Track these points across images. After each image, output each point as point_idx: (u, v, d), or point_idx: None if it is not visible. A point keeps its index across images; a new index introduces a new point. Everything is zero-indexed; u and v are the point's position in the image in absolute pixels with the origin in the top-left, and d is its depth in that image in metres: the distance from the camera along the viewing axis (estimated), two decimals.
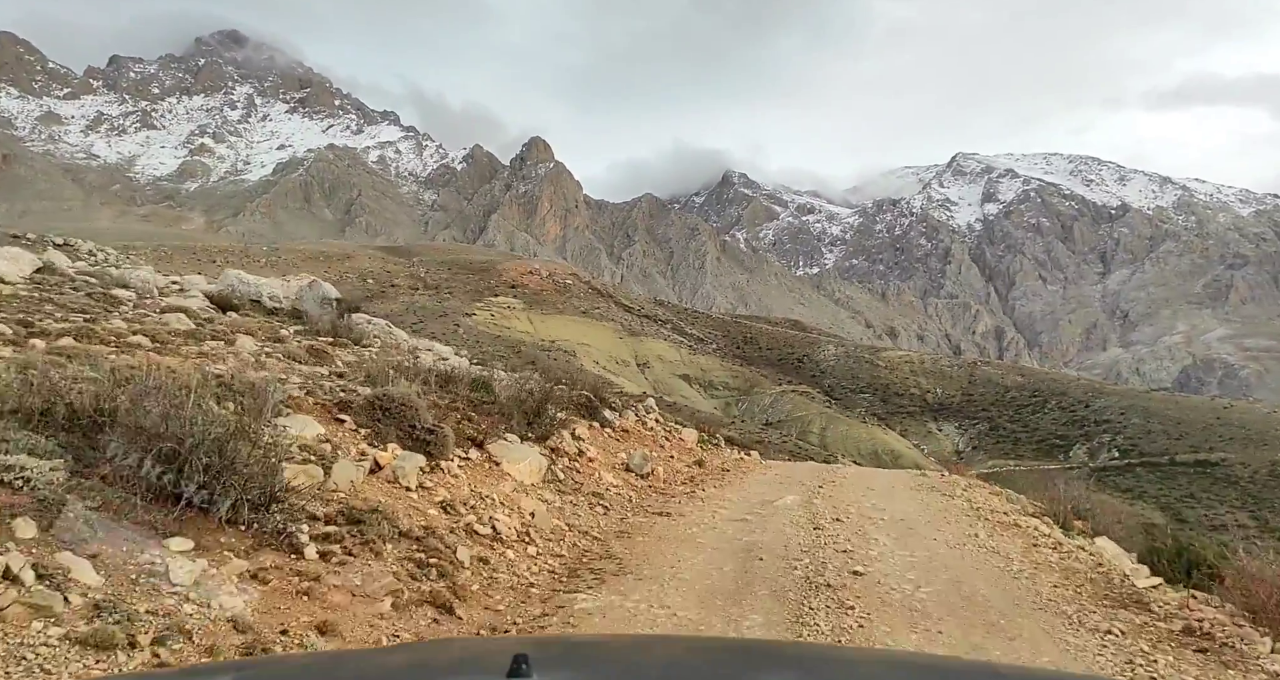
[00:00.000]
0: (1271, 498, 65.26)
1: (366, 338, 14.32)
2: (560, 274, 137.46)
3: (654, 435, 14.22)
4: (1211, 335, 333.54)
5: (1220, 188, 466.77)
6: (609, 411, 13.39)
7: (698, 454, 14.87)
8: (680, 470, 13.02)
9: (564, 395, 12.51)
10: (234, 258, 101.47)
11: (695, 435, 16.12)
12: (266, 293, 16.22)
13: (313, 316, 14.86)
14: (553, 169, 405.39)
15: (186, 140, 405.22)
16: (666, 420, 16.85)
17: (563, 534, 8.10)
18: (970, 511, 11.08)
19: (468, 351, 19.04)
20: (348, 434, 7.53)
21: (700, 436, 16.58)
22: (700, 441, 16.20)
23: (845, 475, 14.81)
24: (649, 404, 17.31)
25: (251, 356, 9.84)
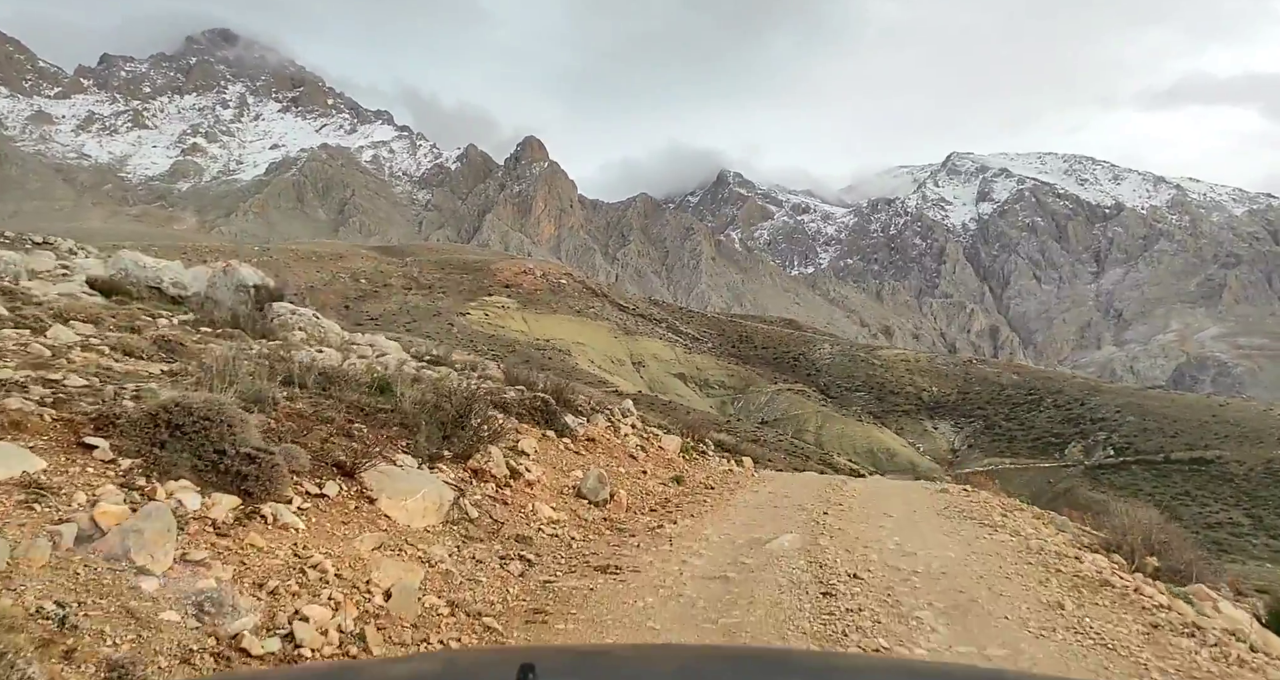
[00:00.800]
0: (1266, 495, 65.17)
1: (285, 330, 12.23)
2: (555, 273, 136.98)
3: (626, 445, 12.12)
4: (1205, 334, 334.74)
5: (1214, 187, 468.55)
6: (572, 417, 11.49)
7: (678, 467, 12.76)
8: (652, 490, 10.68)
9: (514, 399, 10.63)
10: (225, 257, 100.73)
11: (677, 443, 14.06)
12: (168, 278, 13.76)
13: (225, 306, 12.87)
14: (547, 169, 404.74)
15: (178, 140, 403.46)
16: (646, 425, 14.96)
17: (434, 624, 5.04)
18: (1029, 554, 8.10)
19: (442, 350, 16.40)
20: (90, 469, 4.73)
21: (684, 444, 14.56)
22: (684, 450, 14.14)
23: (853, 493, 12.14)
24: (626, 406, 15.58)
25: (49, 350, 7.22)
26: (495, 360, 66.84)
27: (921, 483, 17.38)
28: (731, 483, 12.55)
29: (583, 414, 12.12)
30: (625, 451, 11.78)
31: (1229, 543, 51.91)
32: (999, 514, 10.68)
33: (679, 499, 10.49)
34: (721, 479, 12.78)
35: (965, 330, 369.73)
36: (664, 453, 13.19)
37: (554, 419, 10.74)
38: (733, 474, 13.82)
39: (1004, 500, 12.85)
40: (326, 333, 13.08)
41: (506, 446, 8.81)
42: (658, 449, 13.17)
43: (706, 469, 13.74)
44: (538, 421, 10.46)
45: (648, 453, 12.45)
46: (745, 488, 12.23)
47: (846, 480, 14.85)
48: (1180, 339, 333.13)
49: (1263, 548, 50.86)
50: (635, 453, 11.93)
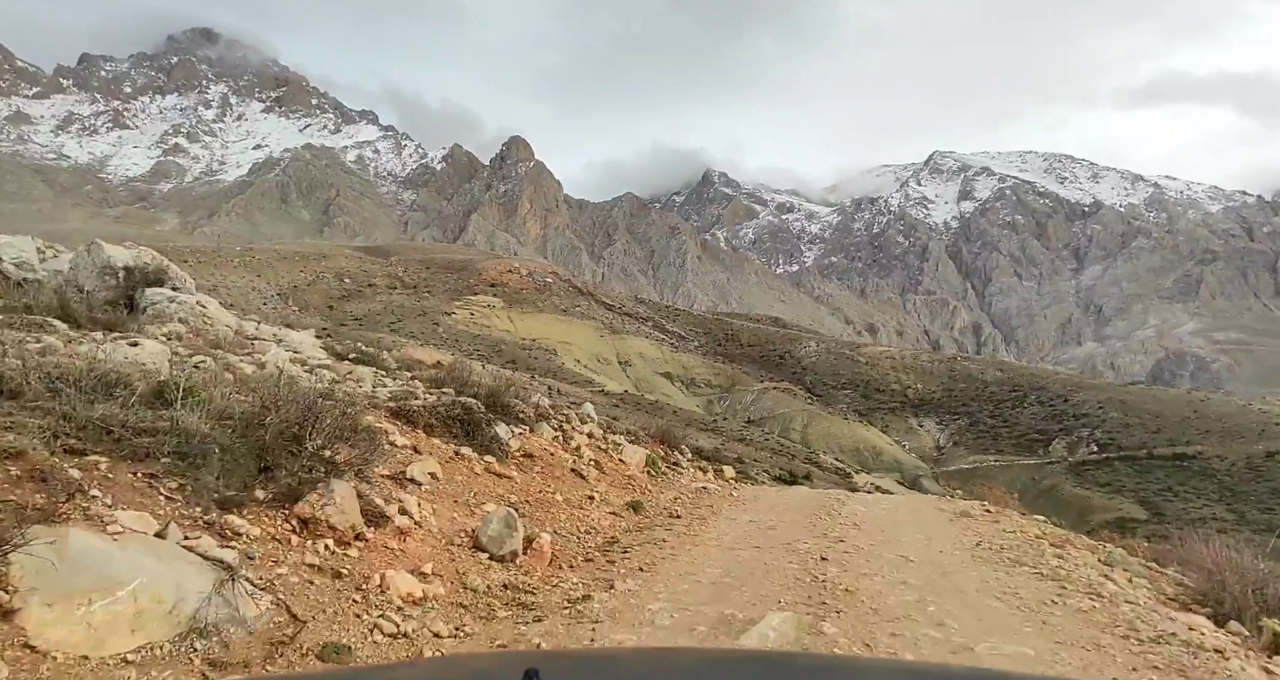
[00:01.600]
0: (1248, 491, 65.99)
1: (158, 320, 9.86)
2: (540, 272, 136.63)
3: (577, 461, 10.04)
4: (1183, 329, 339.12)
5: (1190, 184, 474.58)
6: (508, 427, 9.38)
7: (640, 486, 10.61)
8: (597, 525, 8.15)
9: (423, 406, 8.39)
10: (205, 258, 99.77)
11: (642, 456, 11.79)
12: (9, 257, 11.45)
13: (85, 290, 10.90)
14: (533, 168, 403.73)
15: (160, 140, 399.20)
16: (610, 433, 12.90)
17: None
18: (1130, 633, 5.74)
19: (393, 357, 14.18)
20: None
21: (651, 456, 12.27)
22: (650, 463, 11.90)
23: (854, 519, 9.70)
24: (585, 411, 13.67)
25: None
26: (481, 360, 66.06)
27: (929, 498, 14.93)
28: (705, 507, 10.27)
29: (524, 422, 10.05)
30: (572, 470, 9.68)
31: (1213, 539, 52.59)
32: (1051, 552, 8.16)
33: (630, 538, 7.97)
34: (693, 501, 10.62)
35: (948, 327, 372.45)
36: (624, 468, 11.11)
37: (477, 431, 8.55)
38: (707, 494, 11.45)
39: (1042, 527, 10.45)
40: (213, 323, 10.64)
41: (385, 474, 6.47)
42: (617, 464, 11.06)
43: (676, 487, 11.50)
44: (454, 435, 8.34)
45: (603, 470, 10.40)
46: (721, 514, 9.80)
47: (843, 498, 11.92)
48: (1159, 335, 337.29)
49: (1246, 543, 51.58)
50: (586, 471, 9.86)
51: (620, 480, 10.56)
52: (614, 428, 14.58)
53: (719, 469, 15.15)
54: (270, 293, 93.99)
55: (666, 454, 13.91)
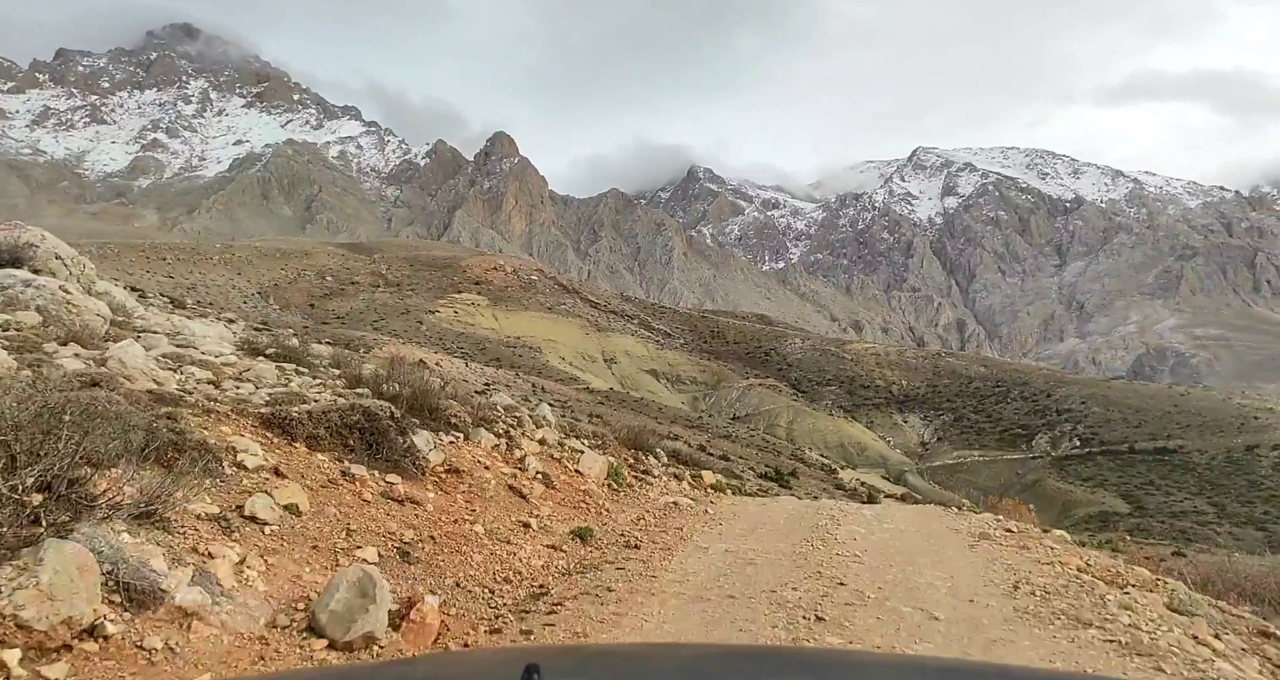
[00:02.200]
0: (1228, 484, 66.63)
1: (11, 306, 8.49)
2: (525, 270, 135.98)
3: (516, 477, 8.35)
4: (1163, 325, 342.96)
5: (1169, 180, 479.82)
6: (434, 435, 7.78)
7: (595, 506, 8.95)
8: (524, 569, 6.39)
9: (305, 414, 6.62)
10: (184, 255, 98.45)
11: (602, 467, 10.07)
12: None
13: None
14: (518, 164, 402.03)
15: (138, 135, 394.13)
16: (568, 438, 11.16)
17: None
18: None
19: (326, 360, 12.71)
20: None
21: (613, 465, 10.50)
22: (612, 475, 10.22)
23: (854, 546, 7.94)
24: (540, 413, 11.95)
25: None
26: (464, 358, 65.25)
27: (934, 510, 12.57)
28: (672, 530, 8.52)
29: (458, 429, 8.49)
30: (510, 488, 7.99)
31: (1195, 532, 52.94)
32: (1114, 600, 6.43)
33: (566, 586, 6.21)
34: (659, 522, 8.92)
35: (933, 324, 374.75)
36: (580, 482, 9.42)
37: (383, 443, 6.82)
38: (678, 511, 9.70)
39: (1082, 554, 8.68)
40: (80, 312, 8.89)
41: (208, 514, 4.65)
42: (571, 476, 9.43)
43: (641, 503, 9.84)
44: (349, 448, 6.64)
45: (552, 485, 8.76)
46: (692, 540, 8.08)
47: (837, 515, 10.07)
48: (1140, 330, 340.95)
49: (1227, 536, 51.91)
50: (528, 487, 8.21)
51: (572, 497, 8.90)
52: (577, 430, 12.81)
53: (697, 475, 13.50)
54: (251, 291, 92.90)
55: (636, 461, 12.34)
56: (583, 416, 39.38)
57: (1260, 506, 60.75)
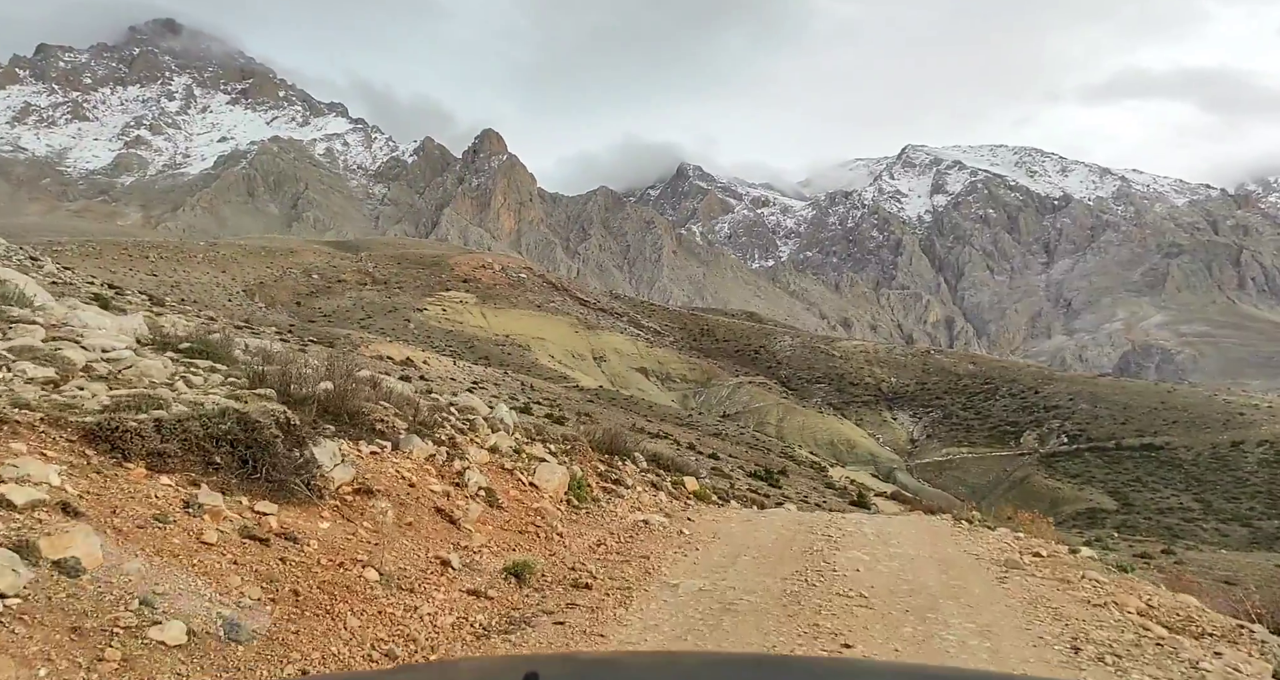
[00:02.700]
0: (1214, 480, 66.98)
1: None
2: (514, 267, 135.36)
3: (449, 496, 6.94)
4: (1150, 322, 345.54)
5: (1156, 178, 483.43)
6: (347, 446, 6.53)
7: (547, 528, 7.58)
8: (417, 636, 4.76)
9: (154, 423, 5.18)
10: (168, 253, 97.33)
11: (562, 478, 8.82)
12: None
13: None
14: (506, 162, 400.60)
15: (121, 132, 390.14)
16: (530, 442, 9.80)
17: None
18: None
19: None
20: None
21: (576, 478, 9.18)
22: (575, 488, 8.97)
23: (866, 595, 6.40)
24: (497, 415, 10.34)
25: None
26: (453, 357, 64.55)
27: (944, 528, 10.78)
28: (636, 561, 7.11)
29: (385, 436, 7.23)
30: (437, 510, 6.57)
31: (1181, 528, 53.15)
32: (1212, 668, 5.27)
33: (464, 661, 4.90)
34: (622, 549, 7.55)
35: (921, 321, 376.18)
36: (534, 498, 8.14)
37: (265, 460, 5.37)
38: (647, 532, 8.42)
39: (1139, 590, 7.31)
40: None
41: None
42: (523, 491, 8.14)
43: (605, 523, 8.51)
44: (213, 467, 5.20)
45: (496, 504, 7.43)
46: (657, 576, 6.73)
47: (834, 535, 8.78)
48: (1126, 327, 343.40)
49: (1213, 532, 52.16)
50: (462, 509, 6.79)
51: (519, 519, 7.49)
52: (545, 434, 11.46)
53: (679, 481, 12.35)
54: (236, 289, 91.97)
55: (610, 467, 11.07)
56: (571, 415, 39.00)
57: (1246, 503, 61.09)
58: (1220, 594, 9.71)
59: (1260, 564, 32.57)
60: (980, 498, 75.63)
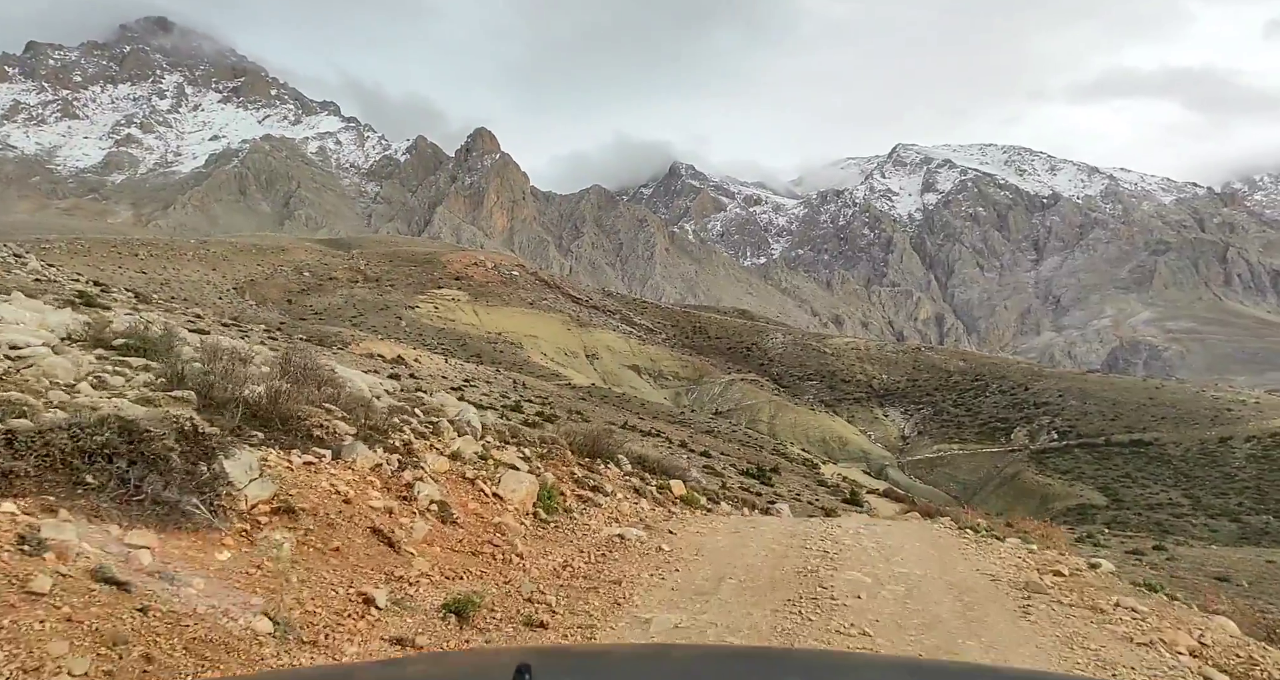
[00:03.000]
0: (1202, 476, 67.51)
1: None
2: (506, 265, 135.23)
3: (390, 514, 6.06)
4: (1137, 318, 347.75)
5: (1144, 177, 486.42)
6: (281, 454, 5.85)
7: (506, 548, 6.69)
8: None
9: None
10: (158, 251, 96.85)
11: (529, 489, 7.90)
12: None
13: None
14: (499, 160, 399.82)
15: (112, 130, 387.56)
16: (496, 452, 8.61)
17: None
18: None
19: None
20: None
21: (547, 488, 8.38)
22: (545, 498, 8.16)
23: (869, 628, 5.72)
24: (464, 417, 9.39)
25: None
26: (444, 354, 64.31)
27: (952, 539, 9.85)
28: (605, 587, 6.26)
29: (324, 444, 6.42)
30: (373, 530, 5.64)
31: (1171, 524, 53.58)
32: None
33: None
34: (590, 572, 6.69)
35: (912, 318, 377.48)
36: (496, 511, 7.28)
37: (154, 477, 4.49)
38: (622, 550, 7.52)
39: (1188, 621, 6.56)
40: None
41: None
42: (485, 504, 7.27)
43: (575, 538, 7.64)
44: (85, 489, 4.26)
45: (450, 520, 6.51)
46: (627, 607, 5.91)
47: (832, 551, 7.91)
48: (1114, 324, 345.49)
49: (1202, 528, 52.62)
50: (403, 530, 5.87)
51: (476, 537, 6.54)
52: (520, 437, 10.52)
53: (664, 486, 11.56)
54: (226, 287, 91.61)
55: (587, 473, 10.22)
56: (562, 413, 39.10)
57: (1234, 498, 61.62)
58: (1247, 613, 8.97)
59: (1251, 560, 32.89)
60: (971, 494, 76.11)
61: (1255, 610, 7.89)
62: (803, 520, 11.53)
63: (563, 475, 9.39)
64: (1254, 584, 26.57)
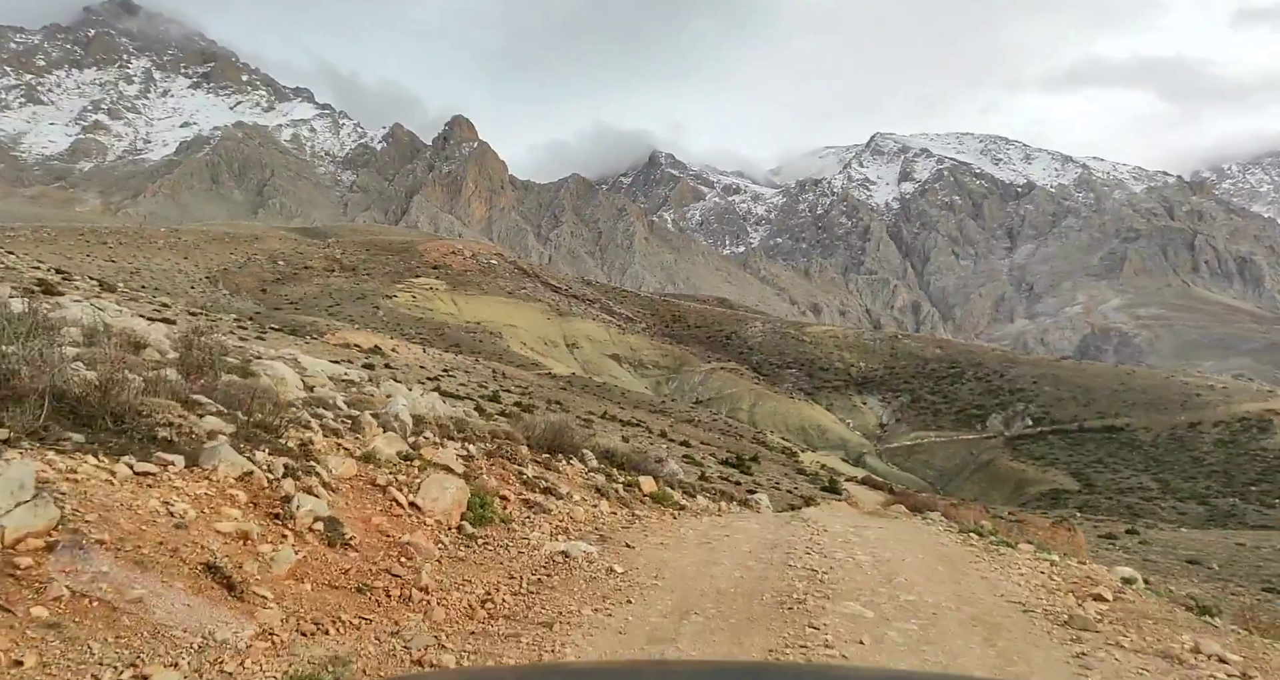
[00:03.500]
0: (1171, 460, 68.95)
1: None
2: (485, 254, 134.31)
3: (242, 542, 4.49)
4: (1108, 305, 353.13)
5: (1116, 165, 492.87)
6: (102, 463, 4.53)
7: (403, 583, 5.03)
8: None
9: None
10: (128, 239, 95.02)
11: (455, 497, 6.55)
12: None
13: None
14: (477, 148, 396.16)
15: (79, 116, 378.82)
16: (428, 450, 7.52)
17: None
18: None
19: None
20: None
21: (476, 497, 6.89)
22: (478, 506, 6.83)
23: None
24: (392, 410, 8.24)
25: None
26: (423, 344, 63.99)
27: (959, 550, 8.63)
28: (533, 631, 4.81)
29: (174, 447, 5.09)
30: (206, 569, 4.05)
31: (1140, 507, 54.67)
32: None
33: None
34: (515, 612, 5.16)
35: (889, 306, 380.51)
36: (407, 527, 5.85)
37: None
38: (565, 572, 6.11)
39: None
40: None
41: None
42: (396, 518, 5.86)
43: (509, 556, 6.23)
44: None
45: (340, 542, 5.07)
46: (560, 659, 4.53)
47: (821, 569, 6.78)
48: (1086, 311, 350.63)
49: (1170, 510, 53.76)
50: (261, 561, 4.43)
51: (368, 565, 5.04)
52: (467, 430, 9.30)
53: (632, 482, 10.36)
54: (199, 276, 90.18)
55: (541, 472, 9.03)
56: (540, 403, 39.02)
57: (1202, 481, 62.99)
58: None
59: (1220, 542, 33.63)
60: (947, 481, 77.12)
61: None
62: (784, 521, 9.99)
63: (509, 475, 8.24)
64: (1224, 566, 27.19)
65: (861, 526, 10.03)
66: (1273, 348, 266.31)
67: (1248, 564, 28.17)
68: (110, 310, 12.28)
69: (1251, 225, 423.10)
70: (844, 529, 9.36)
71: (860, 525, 10.22)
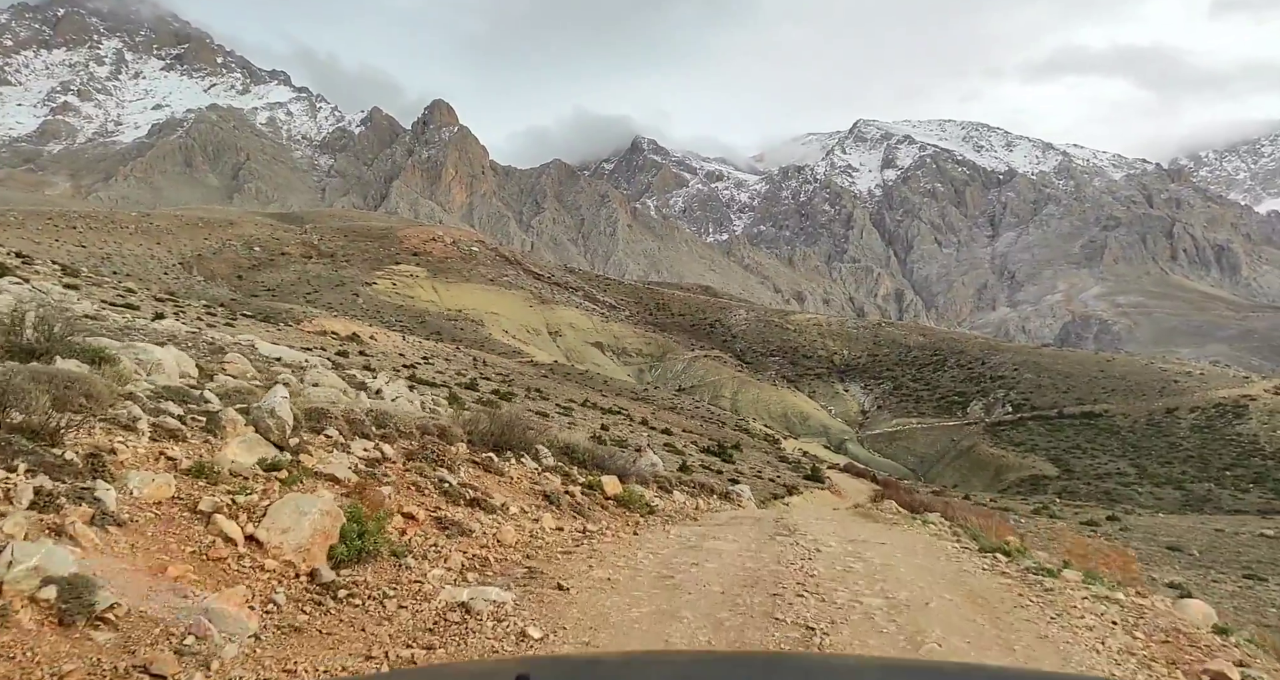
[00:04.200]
0: (1149, 446, 69.54)
1: None
2: (466, 241, 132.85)
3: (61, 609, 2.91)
4: (1088, 293, 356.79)
5: (1096, 153, 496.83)
6: None
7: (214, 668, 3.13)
8: None
9: None
10: (98, 224, 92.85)
11: (317, 529, 4.62)
12: None
13: None
14: (457, 133, 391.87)
15: (47, 97, 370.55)
16: (281, 463, 5.68)
17: None
18: None
19: None
20: None
21: (356, 522, 4.94)
22: (346, 540, 4.80)
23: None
24: (268, 405, 6.34)
25: None
26: (402, 332, 62.97)
27: (973, 559, 8.08)
28: None
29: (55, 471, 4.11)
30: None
31: (1118, 492, 55.05)
32: None
33: None
34: None
35: (872, 294, 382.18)
36: (234, 579, 4.12)
37: None
38: (460, 640, 4.24)
39: None
40: None
41: None
42: (207, 566, 4.10)
43: (379, 619, 4.30)
44: None
45: (94, 616, 3.17)
46: None
47: (813, 619, 5.19)
48: (1066, 299, 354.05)
49: (1148, 496, 54.20)
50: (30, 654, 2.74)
51: (126, 654, 3.18)
52: (388, 426, 8.03)
53: (594, 482, 9.01)
54: (172, 261, 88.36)
55: (476, 476, 7.71)
56: (521, 391, 38.39)
57: (1179, 467, 63.56)
58: None
59: (1197, 528, 33.75)
60: (928, 467, 77.42)
61: None
62: (768, 535, 8.40)
63: (427, 484, 6.59)
64: (1204, 552, 27.24)
65: (859, 540, 8.61)
66: (1248, 334, 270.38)
67: (1227, 550, 28.25)
68: (54, 293, 11.49)
69: (1228, 213, 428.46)
70: (840, 548, 7.89)
71: (857, 538, 8.73)
